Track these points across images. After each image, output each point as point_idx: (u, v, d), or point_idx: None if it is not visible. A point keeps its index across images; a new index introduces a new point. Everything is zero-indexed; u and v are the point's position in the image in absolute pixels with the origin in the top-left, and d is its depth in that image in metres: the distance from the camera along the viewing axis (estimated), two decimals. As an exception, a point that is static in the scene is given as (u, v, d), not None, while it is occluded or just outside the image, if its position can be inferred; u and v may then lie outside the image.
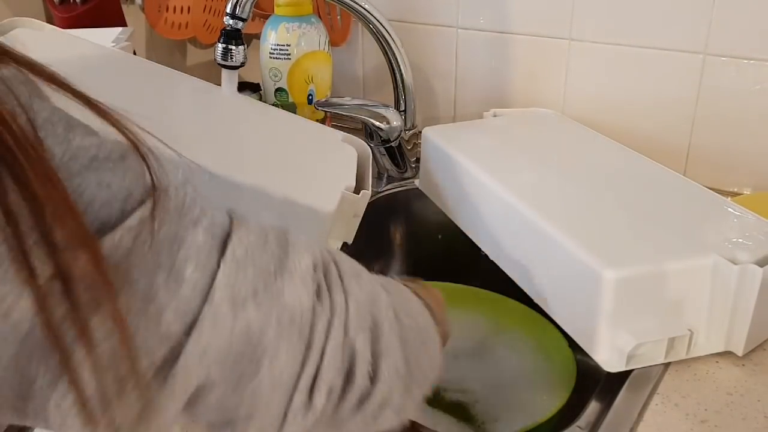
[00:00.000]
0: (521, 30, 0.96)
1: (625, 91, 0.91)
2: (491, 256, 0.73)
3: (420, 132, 0.86)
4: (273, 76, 0.98)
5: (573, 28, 0.92)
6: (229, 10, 0.85)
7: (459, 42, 1.02)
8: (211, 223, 0.34)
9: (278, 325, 0.35)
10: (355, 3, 0.90)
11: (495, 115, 0.92)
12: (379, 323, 0.40)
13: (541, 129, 0.87)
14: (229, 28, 0.86)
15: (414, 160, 0.96)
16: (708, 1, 0.82)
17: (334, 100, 0.94)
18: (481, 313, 0.80)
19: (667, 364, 0.60)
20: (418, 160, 0.90)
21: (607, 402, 0.57)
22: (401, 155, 0.95)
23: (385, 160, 0.96)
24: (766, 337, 0.62)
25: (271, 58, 0.97)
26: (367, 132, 0.94)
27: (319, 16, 1.03)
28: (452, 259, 0.92)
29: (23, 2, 1.36)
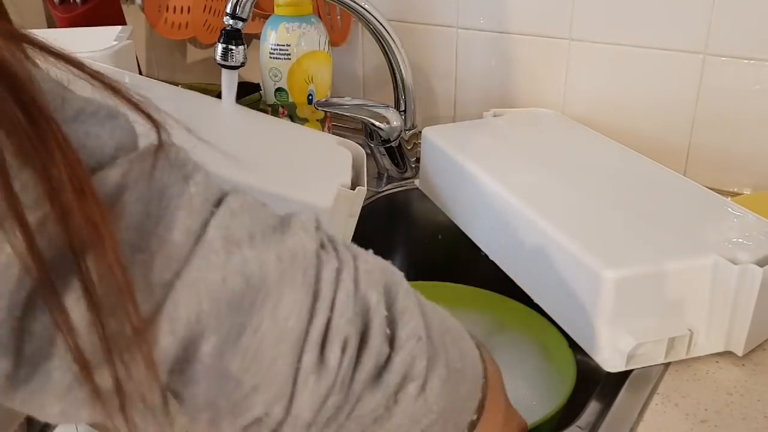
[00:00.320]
0: (521, 30, 0.96)
1: (625, 91, 0.91)
2: (491, 256, 0.73)
3: (420, 132, 0.86)
4: (273, 76, 0.98)
5: (573, 28, 0.92)
6: (229, 10, 0.85)
7: (459, 42, 1.02)
8: (205, 181, 0.33)
9: (279, 263, 0.32)
10: (355, 3, 0.90)
11: (495, 115, 0.92)
12: (393, 287, 0.36)
13: (541, 129, 0.87)
14: (229, 28, 0.86)
15: (414, 160, 0.96)
16: (708, 1, 0.82)
17: (334, 100, 0.94)
18: (481, 313, 0.80)
19: (667, 364, 0.60)
20: (418, 160, 0.90)
21: (607, 402, 0.57)
22: (401, 155, 0.95)
23: (385, 160, 0.96)
24: (766, 337, 0.62)
25: (271, 58, 0.97)
26: (367, 132, 0.94)
27: (319, 16, 1.03)
28: (452, 259, 0.92)
29: (23, 2, 1.36)
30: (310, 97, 0.99)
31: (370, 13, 0.91)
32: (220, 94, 0.91)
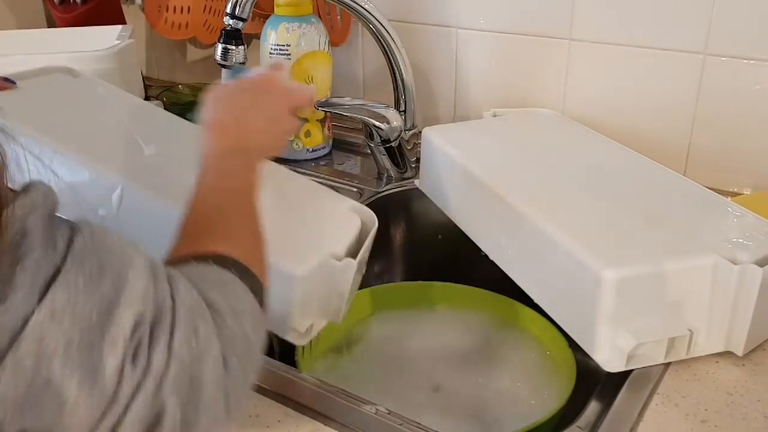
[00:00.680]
0: (521, 30, 0.96)
1: (625, 92, 0.91)
2: (491, 256, 0.73)
3: (420, 132, 0.86)
4: (273, 76, 0.98)
5: (573, 28, 0.92)
6: (229, 10, 0.85)
7: (459, 42, 1.02)
8: (36, 262, 0.34)
9: (80, 388, 0.35)
10: (355, 3, 0.90)
11: (495, 115, 0.92)
12: (202, 383, 0.40)
13: (541, 129, 0.87)
14: (229, 28, 0.86)
15: (414, 160, 0.96)
16: (708, 1, 0.82)
17: (334, 100, 0.94)
18: (481, 313, 0.80)
19: (667, 364, 0.60)
20: (418, 160, 0.90)
21: (607, 402, 0.57)
22: (401, 155, 0.95)
23: (385, 160, 0.96)
24: (766, 337, 0.62)
25: (271, 58, 0.97)
26: (367, 132, 0.94)
27: (319, 16, 1.03)
28: (452, 259, 0.92)
29: (23, 2, 1.37)
30: (310, 97, 0.99)
31: (370, 13, 0.91)
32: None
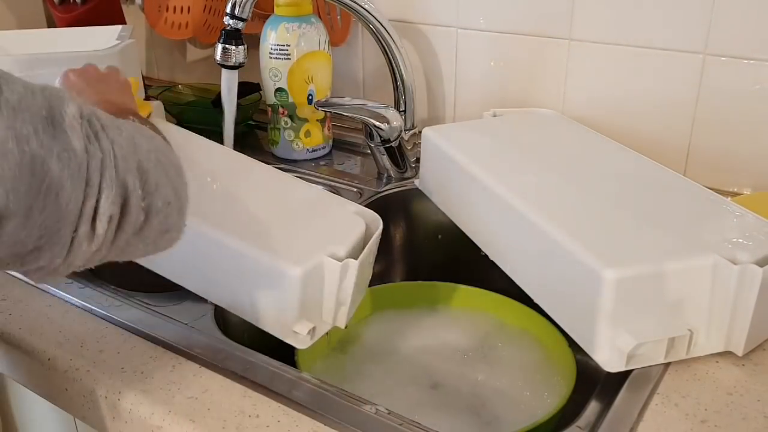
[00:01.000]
0: (521, 30, 0.96)
1: (625, 92, 0.91)
2: (491, 256, 0.73)
3: (420, 132, 0.86)
4: (273, 76, 0.98)
5: (573, 28, 0.92)
6: (229, 10, 0.85)
7: (459, 42, 1.02)
8: None
9: (60, 162, 0.41)
10: (355, 3, 0.90)
11: (495, 115, 0.92)
12: (145, 166, 0.46)
13: (541, 129, 0.87)
14: (229, 28, 0.86)
15: (414, 160, 0.96)
16: (708, 1, 0.82)
17: (334, 100, 0.94)
18: (481, 313, 0.80)
19: (667, 364, 0.60)
20: (418, 160, 0.90)
21: (607, 402, 0.57)
22: (401, 155, 0.95)
23: (385, 160, 0.96)
24: (766, 337, 0.62)
25: (271, 58, 0.97)
26: (367, 132, 0.94)
27: (319, 16, 1.03)
28: (452, 259, 0.92)
29: (23, 2, 1.37)
30: (310, 97, 0.99)
31: (370, 13, 0.91)
32: (219, 95, 0.91)
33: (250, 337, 0.65)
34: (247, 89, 1.11)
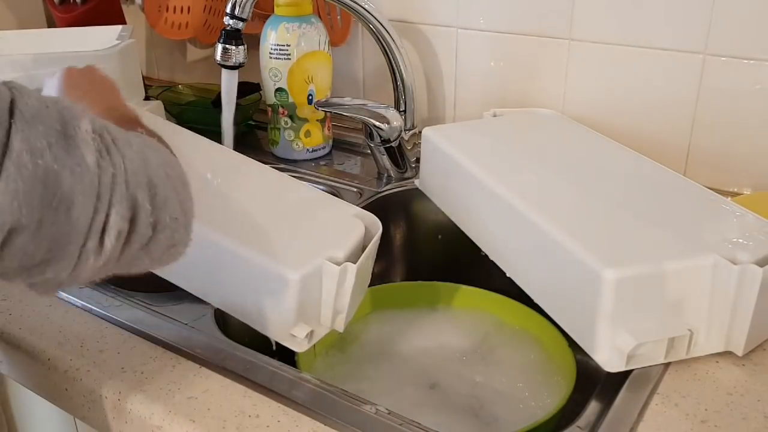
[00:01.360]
0: (521, 30, 0.96)
1: (625, 91, 0.91)
2: (491, 256, 0.73)
3: (420, 132, 0.86)
4: (273, 76, 0.98)
5: (573, 28, 0.92)
6: (229, 10, 0.85)
7: (459, 42, 1.02)
8: None
9: (72, 176, 0.41)
10: (355, 3, 0.90)
11: (495, 115, 0.92)
12: (154, 181, 0.46)
13: (541, 129, 0.87)
14: (229, 28, 0.86)
15: (414, 160, 0.96)
16: (708, 1, 0.82)
17: (334, 100, 0.94)
18: (481, 313, 0.80)
19: (667, 364, 0.60)
20: (418, 160, 0.90)
21: (607, 402, 0.57)
22: (401, 155, 0.95)
23: (385, 160, 0.96)
24: (766, 337, 0.62)
25: (271, 58, 0.97)
26: (367, 132, 0.94)
27: (319, 16, 1.03)
28: (452, 259, 0.92)
29: (23, 2, 1.37)
30: (310, 97, 0.99)
31: (370, 13, 0.91)
32: (219, 95, 0.91)
33: (250, 337, 0.65)
34: (247, 89, 1.11)
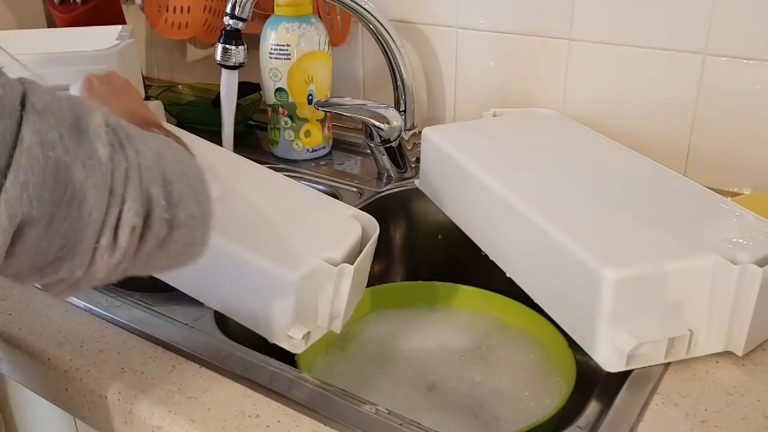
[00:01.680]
0: (521, 30, 0.96)
1: (625, 91, 0.91)
2: (491, 256, 0.73)
3: (420, 132, 0.86)
4: (273, 76, 0.98)
5: (573, 28, 0.92)
6: (229, 10, 0.85)
7: (459, 42, 1.02)
8: (9, 82, 0.39)
9: (84, 169, 0.40)
10: (355, 3, 0.90)
11: (495, 115, 0.92)
12: (169, 177, 0.45)
13: (541, 129, 0.87)
14: (229, 28, 0.86)
15: (414, 160, 0.96)
16: (708, 1, 0.82)
17: (334, 100, 0.94)
18: (481, 313, 0.80)
19: (667, 364, 0.60)
20: (418, 160, 0.90)
21: (607, 402, 0.57)
22: (401, 155, 0.95)
23: (385, 160, 0.96)
24: (766, 337, 0.62)
25: (271, 58, 0.97)
26: (367, 132, 0.94)
27: (319, 16, 1.03)
28: (452, 259, 0.92)
29: (23, 2, 1.37)
30: (310, 97, 0.99)
31: (370, 13, 0.91)
32: (219, 95, 0.91)
33: (250, 337, 0.65)
34: (247, 89, 1.11)
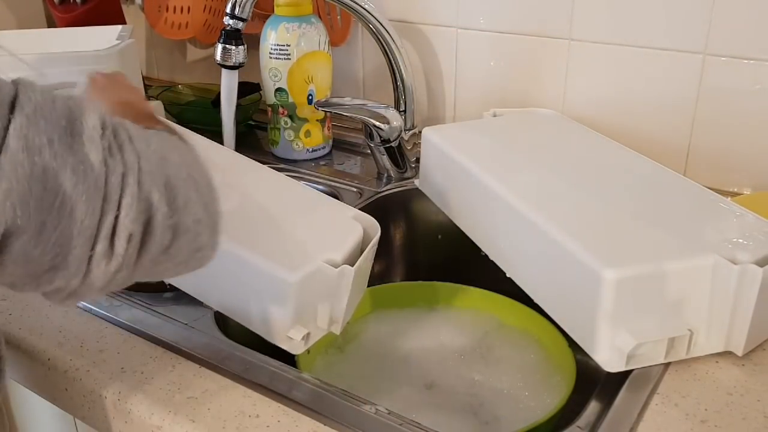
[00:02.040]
0: (521, 30, 0.96)
1: (625, 91, 0.91)
2: (491, 256, 0.73)
3: (420, 132, 0.86)
4: (273, 76, 0.98)
5: (573, 28, 0.92)
6: (229, 10, 0.85)
7: (459, 42, 1.02)
8: None
9: (74, 175, 0.39)
10: (355, 3, 0.90)
11: (495, 115, 0.92)
12: (173, 182, 0.44)
13: (541, 129, 0.87)
14: (229, 28, 0.86)
15: (414, 160, 0.96)
16: (708, 1, 0.82)
17: (334, 100, 0.94)
18: (481, 313, 0.80)
19: (667, 364, 0.60)
20: (418, 160, 0.90)
21: (607, 402, 0.57)
22: (401, 155, 0.95)
23: (385, 160, 0.96)
24: (766, 337, 0.62)
25: (271, 58, 0.97)
26: (367, 132, 0.94)
27: (319, 16, 1.03)
28: (452, 259, 0.92)
29: (23, 2, 1.37)
30: (310, 97, 0.99)
31: (370, 13, 0.91)
32: (219, 95, 0.91)
33: (250, 337, 0.65)
34: (247, 89, 1.11)
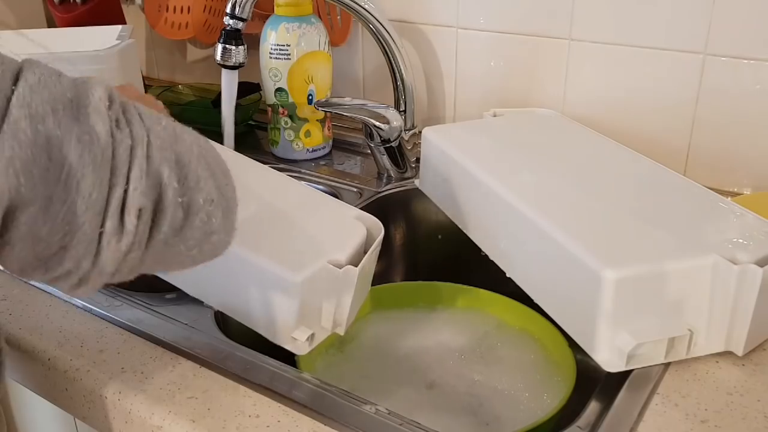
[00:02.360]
0: (521, 30, 0.96)
1: (625, 91, 0.91)
2: (491, 256, 0.73)
3: (420, 132, 0.86)
4: (273, 76, 0.98)
5: (573, 28, 0.92)
6: (229, 10, 0.85)
7: (459, 42, 1.02)
8: (1, 56, 0.37)
9: (79, 144, 0.37)
10: (355, 3, 0.90)
11: (495, 115, 0.92)
12: (185, 159, 0.42)
13: (541, 129, 0.87)
14: (229, 28, 0.86)
15: (414, 160, 0.96)
16: (708, 1, 0.82)
17: (334, 100, 0.94)
18: (481, 313, 0.80)
19: (667, 364, 0.60)
20: (418, 160, 0.90)
21: (607, 402, 0.57)
22: (401, 155, 0.95)
23: (385, 160, 0.96)
24: (766, 337, 0.62)
25: (271, 58, 0.97)
26: (367, 132, 0.94)
27: (319, 16, 1.03)
28: (452, 259, 0.92)
29: (23, 2, 1.37)
30: (310, 97, 0.99)
31: (370, 13, 0.91)
32: (219, 95, 0.91)
33: (250, 337, 0.65)
34: (247, 89, 1.11)
